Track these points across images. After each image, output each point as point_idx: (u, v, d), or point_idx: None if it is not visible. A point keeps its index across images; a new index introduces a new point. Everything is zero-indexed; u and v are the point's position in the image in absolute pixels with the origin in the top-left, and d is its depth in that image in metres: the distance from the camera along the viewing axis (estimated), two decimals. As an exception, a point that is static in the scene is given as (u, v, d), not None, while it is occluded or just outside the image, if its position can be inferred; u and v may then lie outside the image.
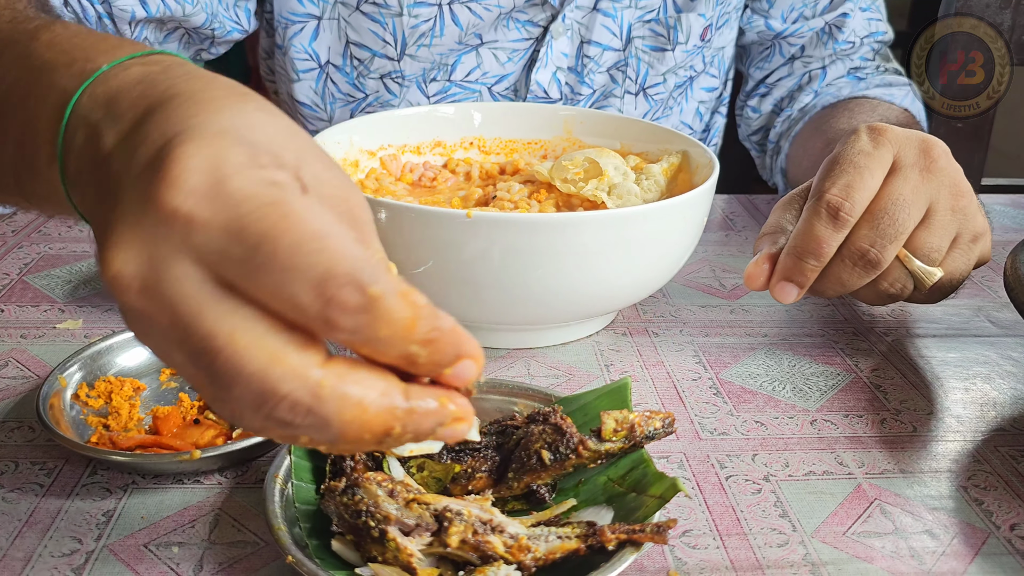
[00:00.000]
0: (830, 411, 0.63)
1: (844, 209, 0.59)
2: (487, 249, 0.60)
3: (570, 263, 0.61)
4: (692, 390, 0.65)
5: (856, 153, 0.61)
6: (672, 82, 1.06)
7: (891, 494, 0.55)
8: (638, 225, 0.62)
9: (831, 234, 0.59)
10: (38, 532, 0.49)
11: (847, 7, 1.06)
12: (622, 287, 0.66)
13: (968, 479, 0.56)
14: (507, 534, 0.43)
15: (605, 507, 0.47)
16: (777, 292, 0.62)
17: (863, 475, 0.56)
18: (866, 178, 0.60)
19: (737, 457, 0.58)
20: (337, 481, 0.44)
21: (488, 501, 0.47)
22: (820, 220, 0.59)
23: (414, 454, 0.49)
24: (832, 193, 0.59)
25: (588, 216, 0.61)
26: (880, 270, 0.60)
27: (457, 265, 0.61)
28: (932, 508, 0.53)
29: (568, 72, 1.02)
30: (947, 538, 0.51)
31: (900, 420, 0.62)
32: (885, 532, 0.51)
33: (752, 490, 0.55)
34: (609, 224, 0.61)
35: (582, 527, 0.44)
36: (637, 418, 0.48)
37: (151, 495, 0.53)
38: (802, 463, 0.57)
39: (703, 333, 0.73)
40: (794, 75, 1.09)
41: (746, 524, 0.52)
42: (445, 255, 0.61)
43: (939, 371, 0.69)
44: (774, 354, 0.70)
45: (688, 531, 0.51)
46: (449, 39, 0.98)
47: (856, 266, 0.60)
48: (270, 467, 0.50)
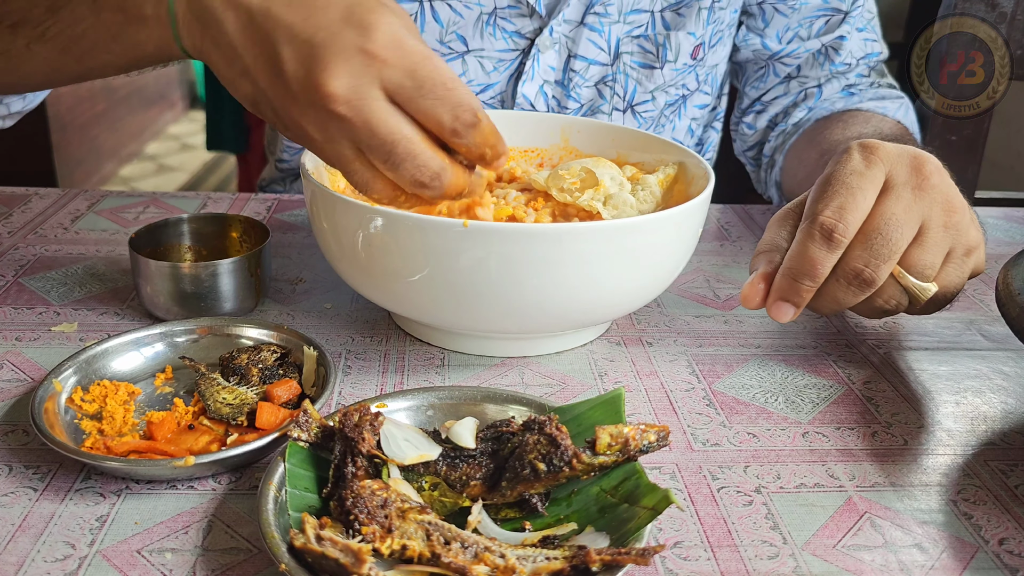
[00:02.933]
0: (822, 423, 0.63)
1: (838, 231, 0.59)
2: (483, 258, 0.60)
3: (565, 273, 0.61)
4: (685, 400, 0.65)
5: (848, 173, 0.61)
6: (662, 100, 1.06)
7: (881, 507, 0.55)
8: (633, 236, 0.62)
9: (825, 255, 0.60)
10: (31, 536, 0.50)
11: (844, 30, 1.06)
12: (617, 297, 0.66)
13: (958, 493, 0.57)
14: (496, 554, 0.43)
15: (602, 534, 0.48)
16: (774, 312, 0.62)
17: (854, 488, 0.57)
18: (859, 199, 0.60)
19: (729, 468, 0.58)
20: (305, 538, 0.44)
21: (479, 522, 0.48)
22: (814, 242, 0.60)
23: (415, 462, 0.50)
24: (826, 215, 0.60)
25: (583, 227, 0.61)
26: (875, 288, 0.61)
27: (453, 274, 0.61)
28: (922, 522, 0.54)
29: (555, 85, 1.02)
30: (936, 552, 0.51)
31: (891, 433, 0.63)
32: (875, 545, 0.52)
33: (744, 502, 0.55)
34: (604, 234, 0.61)
35: (572, 550, 0.44)
36: (632, 432, 0.48)
37: (145, 500, 0.53)
38: (793, 475, 0.58)
39: (697, 344, 0.73)
40: (790, 94, 1.10)
41: (737, 536, 0.52)
42: (441, 264, 0.61)
43: (930, 384, 0.69)
44: (767, 365, 0.70)
45: (679, 543, 0.51)
46: (430, 37, 0.98)
47: (851, 285, 0.61)
48: (264, 474, 0.50)
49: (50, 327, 0.72)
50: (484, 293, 0.62)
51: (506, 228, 0.60)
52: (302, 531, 0.44)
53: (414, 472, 0.50)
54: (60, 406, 0.58)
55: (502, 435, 0.52)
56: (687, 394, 0.66)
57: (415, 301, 0.65)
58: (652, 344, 0.73)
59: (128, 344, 0.64)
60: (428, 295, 0.63)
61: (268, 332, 0.66)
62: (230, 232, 0.79)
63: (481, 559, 0.43)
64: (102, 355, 0.62)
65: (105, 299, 0.76)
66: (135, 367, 0.63)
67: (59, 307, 0.75)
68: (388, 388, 0.65)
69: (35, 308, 0.74)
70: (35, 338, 0.70)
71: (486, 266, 0.60)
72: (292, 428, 0.51)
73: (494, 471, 0.50)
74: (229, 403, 0.59)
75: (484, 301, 0.63)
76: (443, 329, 0.70)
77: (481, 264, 0.60)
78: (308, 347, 0.63)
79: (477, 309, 0.64)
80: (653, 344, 0.73)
